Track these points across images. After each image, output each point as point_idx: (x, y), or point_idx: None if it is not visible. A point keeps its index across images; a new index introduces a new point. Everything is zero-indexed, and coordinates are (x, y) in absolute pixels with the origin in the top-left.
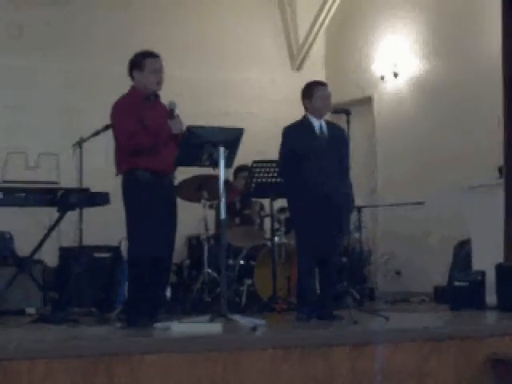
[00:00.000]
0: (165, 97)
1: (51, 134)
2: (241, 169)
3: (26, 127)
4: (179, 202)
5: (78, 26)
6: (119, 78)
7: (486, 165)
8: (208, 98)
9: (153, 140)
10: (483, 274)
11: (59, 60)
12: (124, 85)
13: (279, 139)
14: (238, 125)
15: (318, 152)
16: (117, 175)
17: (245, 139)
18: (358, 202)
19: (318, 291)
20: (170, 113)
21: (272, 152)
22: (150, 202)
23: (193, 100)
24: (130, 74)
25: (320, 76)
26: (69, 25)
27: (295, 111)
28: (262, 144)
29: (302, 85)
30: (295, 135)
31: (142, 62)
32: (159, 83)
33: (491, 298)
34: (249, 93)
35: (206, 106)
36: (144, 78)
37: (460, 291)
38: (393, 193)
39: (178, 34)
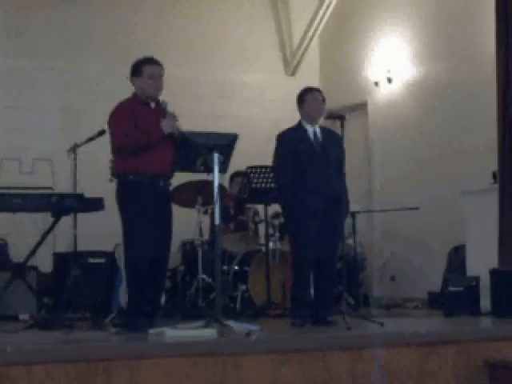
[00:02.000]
0: (164, 97)
1: (48, 136)
2: (237, 174)
3: (23, 128)
4: (174, 207)
5: (78, 28)
6: (119, 79)
7: (482, 169)
8: (205, 99)
9: (146, 139)
10: (477, 279)
11: (59, 61)
12: (123, 86)
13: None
14: (235, 127)
15: (312, 157)
16: (111, 180)
17: (241, 143)
18: (352, 207)
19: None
20: (162, 112)
21: (268, 157)
22: (144, 204)
23: (191, 100)
24: (131, 80)
25: (314, 82)
26: (68, 26)
27: (290, 116)
28: (257, 149)
29: (296, 90)
30: (289, 141)
31: (140, 67)
32: (157, 89)
33: (485, 303)
34: (244, 96)
35: (203, 107)
36: (142, 84)
37: (454, 296)
38: (388, 198)
39: (177, 34)
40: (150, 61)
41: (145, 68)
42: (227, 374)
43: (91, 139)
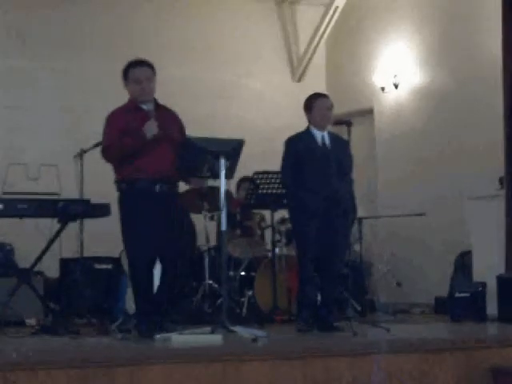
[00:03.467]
0: (163, 99)
1: (53, 140)
2: (244, 180)
3: (27, 132)
4: None
5: (78, 28)
6: (119, 80)
7: (488, 174)
8: (205, 101)
9: (129, 144)
10: (484, 285)
11: (59, 61)
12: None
13: (278, 150)
14: (237, 131)
15: (320, 163)
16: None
17: (245, 146)
18: (359, 213)
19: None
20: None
21: (271, 160)
22: (140, 211)
23: (191, 102)
24: (124, 85)
25: (321, 87)
26: (68, 26)
27: (296, 122)
28: (261, 153)
29: (303, 95)
30: (297, 146)
31: (127, 72)
32: (143, 91)
33: (492, 309)
34: (250, 102)
35: (201, 109)
36: (129, 88)
37: (461, 302)
38: (394, 203)
39: (177, 35)
40: (134, 64)
41: (130, 72)
42: (230, 379)
43: (98, 145)
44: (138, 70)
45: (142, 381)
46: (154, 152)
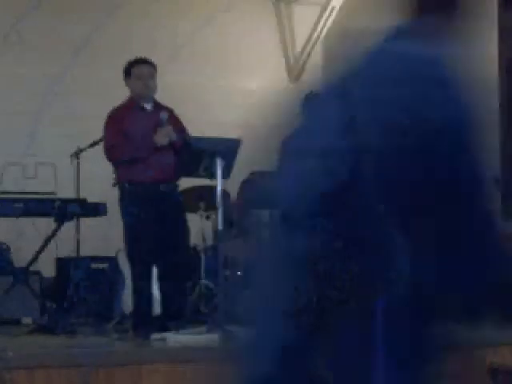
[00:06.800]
0: (165, 103)
1: (51, 141)
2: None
3: (25, 134)
4: None
5: (77, 33)
6: (120, 85)
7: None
8: (207, 105)
9: (133, 152)
10: None
11: (58, 67)
12: (124, 92)
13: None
14: (234, 130)
15: None
16: (114, 185)
17: (243, 150)
18: None
19: None
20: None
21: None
22: (140, 212)
23: (192, 107)
24: (125, 83)
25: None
26: (70, 31)
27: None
28: (260, 155)
29: (299, 96)
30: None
31: (129, 69)
32: (146, 89)
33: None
34: (246, 102)
35: (203, 114)
36: (132, 85)
37: None
38: None
39: (179, 41)
40: (138, 61)
41: (132, 69)
42: (228, 378)
43: (94, 144)
44: (141, 67)
45: (140, 380)
46: (157, 153)
